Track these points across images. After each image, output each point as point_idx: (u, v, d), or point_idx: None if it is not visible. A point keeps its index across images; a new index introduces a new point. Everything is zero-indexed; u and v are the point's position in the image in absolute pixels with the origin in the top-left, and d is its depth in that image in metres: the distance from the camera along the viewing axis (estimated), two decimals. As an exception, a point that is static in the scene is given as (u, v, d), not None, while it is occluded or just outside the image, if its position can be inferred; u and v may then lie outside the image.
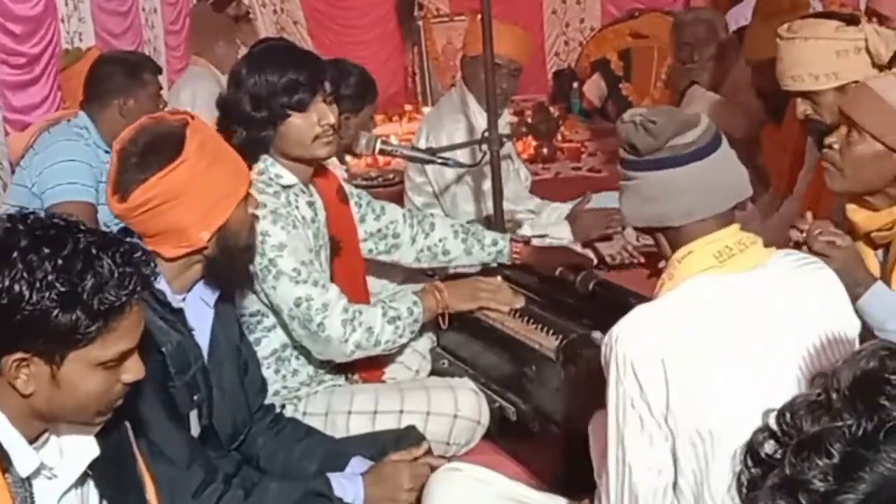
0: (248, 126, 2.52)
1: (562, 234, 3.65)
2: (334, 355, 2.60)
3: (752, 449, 0.96)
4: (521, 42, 3.94)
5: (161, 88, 3.56)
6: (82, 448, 1.57)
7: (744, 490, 0.95)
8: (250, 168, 2.30)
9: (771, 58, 3.35)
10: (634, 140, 1.79)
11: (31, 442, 1.50)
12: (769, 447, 0.94)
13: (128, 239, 1.57)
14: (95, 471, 1.59)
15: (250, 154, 2.49)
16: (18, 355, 1.44)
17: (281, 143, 2.56)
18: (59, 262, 1.41)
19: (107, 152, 3.28)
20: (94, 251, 1.44)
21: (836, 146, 2.24)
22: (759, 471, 0.94)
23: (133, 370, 1.56)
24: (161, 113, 2.24)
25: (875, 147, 2.18)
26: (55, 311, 1.40)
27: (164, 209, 1.99)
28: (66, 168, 3.24)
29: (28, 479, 1.49)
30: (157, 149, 2.00)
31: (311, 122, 2.54)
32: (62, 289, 1.40)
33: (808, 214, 2.25)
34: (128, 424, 1.70)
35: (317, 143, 2.57)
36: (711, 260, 1.77)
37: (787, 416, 0.94)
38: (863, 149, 2.19)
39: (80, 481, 1.58)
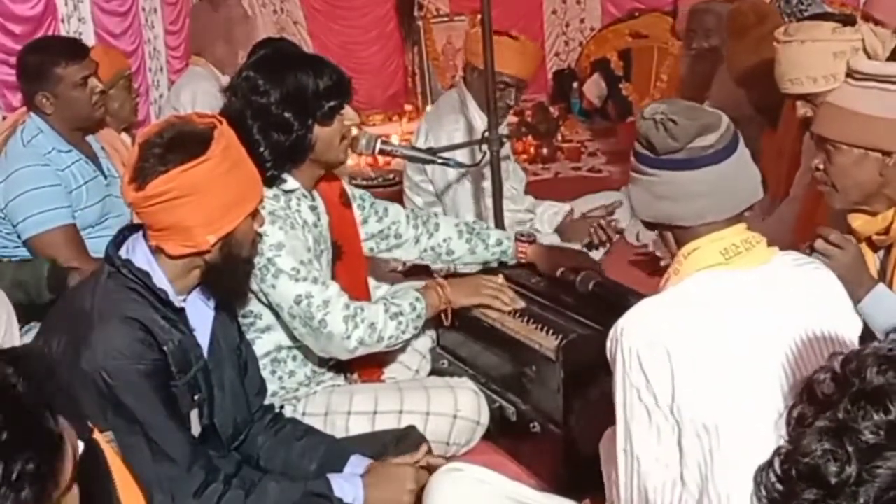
0: (287, 131, 2.50)
1: (552, 241, 3.77)
2: (337, 352, 2.60)
3: (810, 386, 0.96)
4: (531, 59, 3.94)
5: (91, 72, 3.24)
6: None
7: (792, 423, 0.96)
8: (267, 183, 2.30)
9: (752, 68, 3.38)
10: (654, 139, 1.78)
11: None
12: (827, 388, 0.95)
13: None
14: None
15: (287, 160, 2.52)
16: None
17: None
18: None
19: (68, 151, 3.23)
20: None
21: (821, 167, 2.28)
22: (811, 409, 0.95)
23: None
24: (189, 113, 2.24)
25: (853, 154, 2.21)
26: None
27: (177, 203, 1.99)
28: (35, 197, 3.10)
29: None
30: (182, 144, 2.01)
31: (341, 124, 2.57)
32: None
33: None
34: (110, 436, 1.65)
35: (343, 145, 2.61)
36: (718, 257, 1.78)
37: (854, 363, 0.95)
38: (842, 159, 2.23)
39: None
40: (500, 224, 3.28)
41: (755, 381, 1.72)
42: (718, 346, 1.72)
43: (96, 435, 1.58)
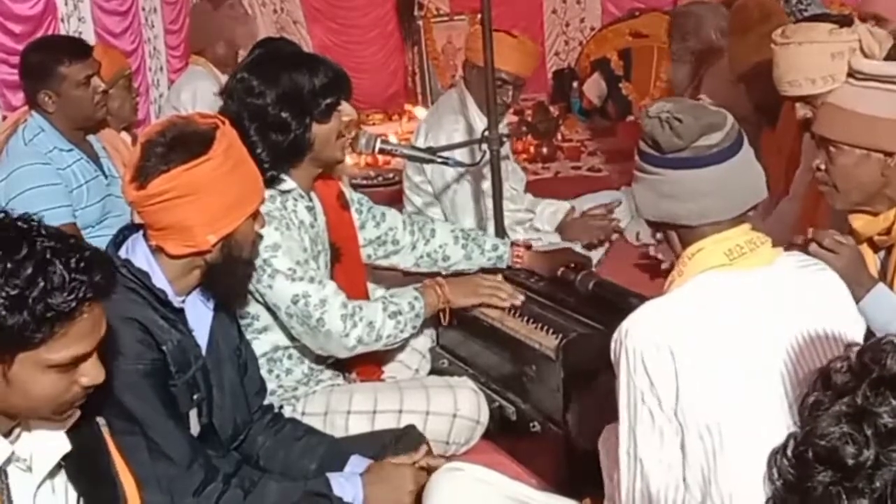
0: (285, 131, 2.50)
1: (553, 240, 3.80)
2: (336, 350, 2.60)
3: (826, 374, 0.98)
4: (529, 56, 3.92)
5: (94, 71, 3.24)
6: (53, 444, 1.57)
7: (807, 410, 0.97)
8: (266, 184, 2.31)
9: (755, 66, 3.37)
10: (659, 137, 1.77)
11: (4, 435, 1.51)
12: (844, 376, 0.96)
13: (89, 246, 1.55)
14: (68, 465, 1.60)
15: (286, 161, 2.53)
16: None
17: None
18: (10, 265, 1.41)
19: (70, 150, 3.23)
20: (47, 256, 1.44)
21: (822, 167, 2.28)
22: (827, 395, 0.96)
23: (91, 374, 1.53)
24: (192, 113, 2.24)
25: (854, 154, 2.21)
26: (2, 314, 1.40)
27: (179, 203, 2.00)
28: (36, 196, 3.09)
29: (3, 469, 1.51)
30: (185, 143, 2.01)
31: (339, 121, 2.57)
32: (10, 292, 1.40)
33: (810, 231, 2.27)
34: (101, 421, 1.70)
35: (340, 142, 2.61)
36: (722, 258, 1.77)
37: (873, 352, 0.96)
38: (844, 160, 2.22)
39: (55, 475, 1.58)
40: (500, 224, 3.28)
41: (759, 383, 1.72)
42: (722, 347, 1.72)
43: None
